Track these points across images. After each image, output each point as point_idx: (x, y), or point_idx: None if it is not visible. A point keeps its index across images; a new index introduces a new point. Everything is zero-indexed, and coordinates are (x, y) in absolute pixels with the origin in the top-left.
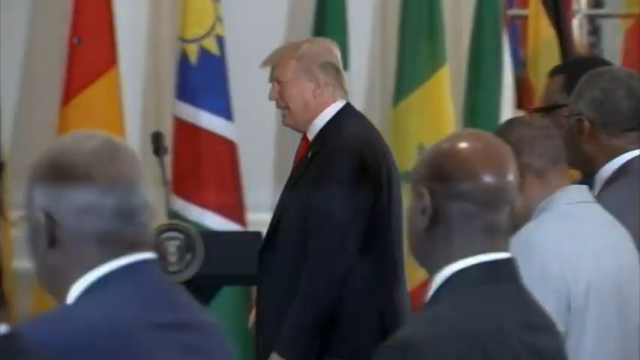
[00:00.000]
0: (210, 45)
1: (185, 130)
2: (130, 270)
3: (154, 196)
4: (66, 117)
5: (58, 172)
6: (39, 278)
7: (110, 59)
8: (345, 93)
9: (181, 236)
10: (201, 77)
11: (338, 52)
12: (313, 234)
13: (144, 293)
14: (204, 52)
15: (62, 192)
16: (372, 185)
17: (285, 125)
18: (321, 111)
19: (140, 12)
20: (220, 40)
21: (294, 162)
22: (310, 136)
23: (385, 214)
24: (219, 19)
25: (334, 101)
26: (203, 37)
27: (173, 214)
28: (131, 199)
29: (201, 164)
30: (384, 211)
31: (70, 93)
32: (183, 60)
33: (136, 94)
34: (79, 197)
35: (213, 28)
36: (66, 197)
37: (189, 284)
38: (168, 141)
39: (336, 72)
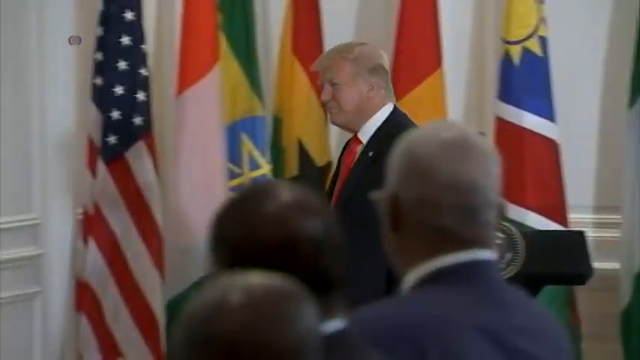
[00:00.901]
0: (534, 46)
1: (507, 130)
2: (466, 268)
3: None
4: None
5: (408, 160)
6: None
7: (435, 61)
8: (393, 95)
9: (503, 236)
10: (524, 78)
11: (386, 56)
12: None
13: (474, 293)
14: (527, 54)
15: (409, 179)
16: None
17: (333, 124)
18: (374, 113)
19: (464, 14)
20: (543, 41)
21: (343, 164)
22: (363, 137)
23: None
24: (542, 20)
25: (385, 104)
26: (526, 38)
27: None
28: (474, 197)
29: (524, 164)
30: None
31: (396, 95)
32: (506, 61)
33: (459, 95)
34: (422, 188)
35: (536, 29)
36: (410, 186)
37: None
38: (490, 141)
39: (386, 75)
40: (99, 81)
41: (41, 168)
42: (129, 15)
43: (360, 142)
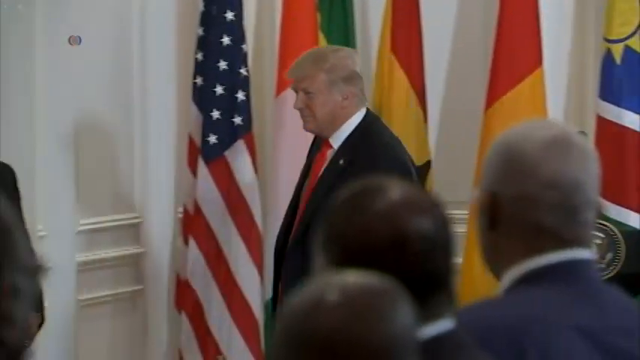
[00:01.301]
0: (636, 44)
1: (609, 129)
2: (564, 267)
3: None
4: (490, 118)
5: (508, 157)
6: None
7: (536, 60)
8: (366, 100)
9: (602, 235)
10: (626, 77)
11: (359, 59)
12: None
13: (573, 292)
14: (629, 52)
15: (508, 177)
16: None
17: (306, 130)
18: (347, 120)
19: (565, 13)
20: None
21: (314, 166)
22: (334, 143)
23: None
24: None
25: (358, 110)
26: (629, 36)
27: None
28: (574, 196)
29: (625, 163)
30: None
31: (495, 94)
32: (608, 60)
33: (560, 94)
34: (522, 185)
35: (639, 27)
36: (510, 183)
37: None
38: (591, 140)
39: (360, 81)
40: (199, 81)
41: (142, 167)
42: (229, 15)
43: (331, 146)
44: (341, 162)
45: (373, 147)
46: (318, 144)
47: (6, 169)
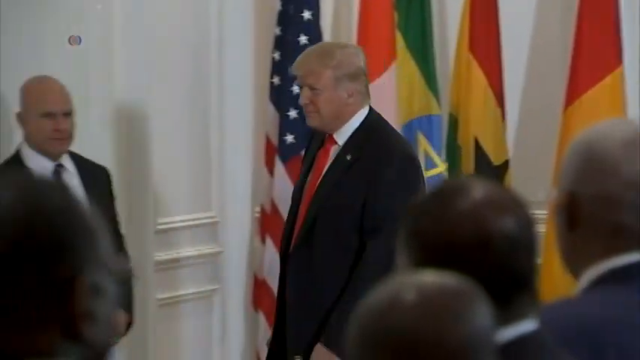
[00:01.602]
0: None
1: None
2: None
3: None
4: (569, 117)
5: (588, 156)
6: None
7: (616, 59)
8: (369, 96)
9: None
10: None
11: (364, 56)
12: (373, 235)
13: None
14: None
15: (588, 176)
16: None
17: (310, 126)
18: (352, 116)
19: None
20: None
21: (317, 162)
22: (339, 139)
23: None
24: None
25: (362, 107)
26: None
27: None
28: None
29: None
30: None
31: (575, 93)
32: None
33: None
34: (603, 185)
35: None
36: (590, 182)
37: None
38: None
39: (365, 78)
40: (276, 80)
41: (220, 167)
42: (306, 14)
43: (336, 142)
44: (348, 157)
45: (382, 143)
46: (319, 140)
47: (101, 171)
